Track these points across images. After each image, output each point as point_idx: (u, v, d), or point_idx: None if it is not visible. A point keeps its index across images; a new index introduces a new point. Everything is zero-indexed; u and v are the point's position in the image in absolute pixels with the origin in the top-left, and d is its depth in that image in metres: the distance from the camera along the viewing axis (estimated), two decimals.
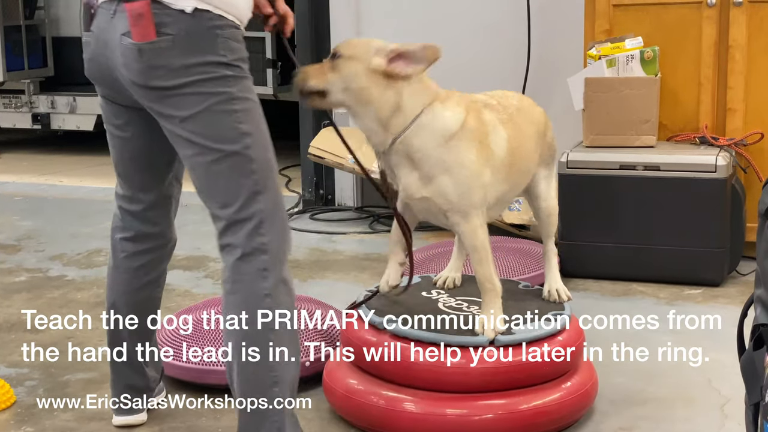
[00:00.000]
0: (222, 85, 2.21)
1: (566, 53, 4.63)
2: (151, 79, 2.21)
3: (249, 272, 2.22)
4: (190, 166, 2.29)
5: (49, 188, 6.15)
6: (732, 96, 4.05)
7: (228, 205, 2.24)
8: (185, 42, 2.19)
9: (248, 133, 2.24)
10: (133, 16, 2.18)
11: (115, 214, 2.57)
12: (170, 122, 2.25)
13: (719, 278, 3.84)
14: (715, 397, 2.81)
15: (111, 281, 2.60)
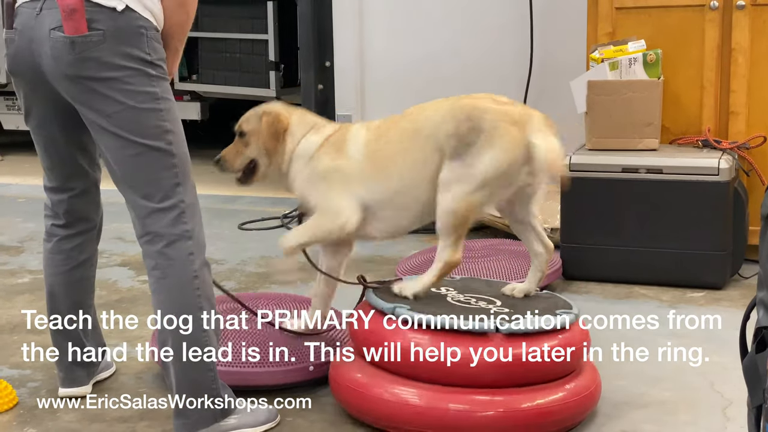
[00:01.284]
0: (148, 84, 2.41)
1: (569, 56, 4.64)
2: (81, 70, 2.37)
3: (178, 257, 2.43)
4: (113, 158, 2.45)
5: None
6: (735, 99, 4.05)
7: (150, 196, 2.43)
8: (114, 37, 2.37)
9: (170, 131, 2.45)
10: (66, 11, 2.35)
11: (46, 204, 2.78)
12: (97, 115, 2.42)
13: (721, 281, 3.84)
14: (718, 399, 2.81)
15: (47, 265, 2.81)
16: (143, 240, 2.47)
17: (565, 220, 4.02)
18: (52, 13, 2.38)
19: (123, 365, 3.11)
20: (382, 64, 5.26)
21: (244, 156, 2.86)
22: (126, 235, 4.88)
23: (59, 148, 2.64)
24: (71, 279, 2.80)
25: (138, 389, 2.92)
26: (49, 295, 2.82)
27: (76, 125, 2.54)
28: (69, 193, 2.72)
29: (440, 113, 2.70)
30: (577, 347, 2.61)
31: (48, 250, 2.79)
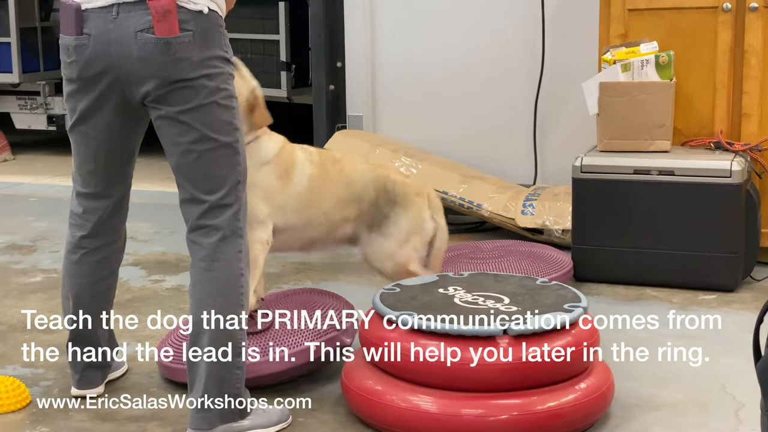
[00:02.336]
0: (226, 82, 2.50)
1: (581, 58, 4.63)
2: (174, 71, 2.42)
3: (229, 252, 2.48)
4: (181, 151, 2.48)
5: (64, 189, 6.15)
6: (747, 101, 4.04)
7: (212, 191, 2.47)
8: (201, 38, 2.44)
9: (238, 129, 2.53)
10: (160, 13, 2.39)
11: (74, 213, 2.75)
12: (174, 110, 2.45)
13: (733, 283, 3.83)
14: (729, 402, 2.81)
15: (71, 275, 2.79)
16: (197, 232, 2.50)
17: (577, 222, 4.02)
18: (135, 15, 2.42)
19: (134, 365, 3.12)
20: (393, 65, 5.26)
21: None
22: (138, 234, 4.90)
23: (111, 152, 2.65)
24: (94, 290, 2.81)
25: (149, 389, 2.93)
26: (72, 298, 2.80)
27: (133, 129, 2.62)
28: (106, 200, 2.73)
29: (366, 177, 3.09)
30: (588, 342, 2.61)
31: (73, 261, 2.78)
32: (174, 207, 5.80)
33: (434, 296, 2.73)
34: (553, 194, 4.57)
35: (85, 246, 2.75)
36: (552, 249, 4.11)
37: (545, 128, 4.98)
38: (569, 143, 4.55)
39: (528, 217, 4.45)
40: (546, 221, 4.42)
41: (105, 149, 2.64)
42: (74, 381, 2.86)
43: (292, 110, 6.85)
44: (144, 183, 6.36)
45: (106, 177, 2.70)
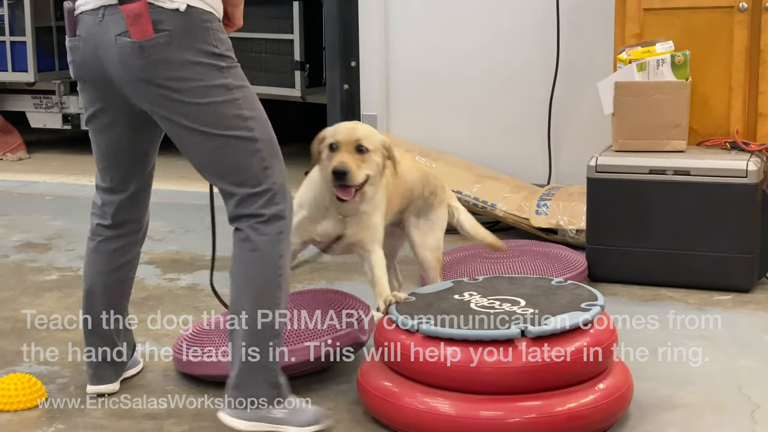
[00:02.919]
0: (219, 77, 2.44)
1: (596, 57, 4.62)
2: (153, 73, 2.40)
3: (269, 233, 2.47)
4: (197, 154, 2.49)
5: (79, 188, 6.19)
6: (763, 101, 4.03)
7: (241, 184, 2.47)
8: (181, 36, 2.40)
9: (249, 117, 2.48)
10: (131, 17, 2.38)
11: (95, 203, 2.79)
12: (175, 115, 2.45)
13: (749, 284, 3.82)
14: (746, 403, 2.80)
15: (88, 264, 2.82)
16: (236, 222, 2.51)
17: (591, 222, 4.01)
18: (116, 18, 2.41)
19: (150, 363, 3.13)
20: (407, 63, 5.26)
21: (363, 171, 2.86)
22: (153, 233, 4.88)
23: (121, 151, 2.67)
24: (110, 280, 2.82)
25: (165, 387, 2.94)
26: (87, 293, 2.84)
27: (143, 128, 2.61)
28: (122, 194, 2.74)
29: (414, 174, 3.23)
30: (606, 341, 2.60)
31: (90, 249, 2.82)
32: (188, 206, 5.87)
33: (450, 303, 2.72)
34: (568, 194, 4.57)
35: (102, 234, 2.78)
36: (566, 249, 4.10)
37: (560, 128, 4.98)
38: (584, 143, 4.54)
39: (542, 217, 4.45)
40: (560, 221, 4.41)
41: (115, 146, 2.66)
42: (88, 377, 2.88)
43: (306, 110, 6.85)
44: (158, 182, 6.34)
45: (120, 172, 2.72)
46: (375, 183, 2.92)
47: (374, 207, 2.96)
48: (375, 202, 2.96)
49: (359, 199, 2.89)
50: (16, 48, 7.34)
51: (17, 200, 5.86)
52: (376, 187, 2.94)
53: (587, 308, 2.62)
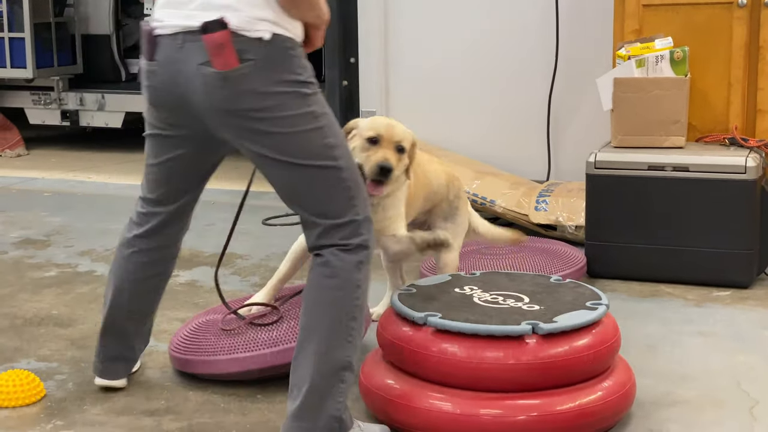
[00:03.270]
0: (305, 105, 2.34)
1: (595, 53, 4.62)
2: (238, 103, 2.31)
3: (350, 261, 2.38)
4: (282, 184, 2.40)
5: (78, 184, 6.19)
6: (762, 97, 4.03)
7: (326, 215, 2.37)
8: (266, 65, 2.30)
9: (334, 145, 2.38)
10: (214, 47, 2.28)
11: (135, 212, 2.71)
12: (259, 147, 2.35)
13: (748, 280, 3.82)
14: (744, 399, 2.80)
15: (118, 269, 2.76)
16: (318, 249, 2.40)
17: (590, 218, 4.01)
18: (197, 47, 2.31)
19: (149, 359, 3.13)
20: (407, 61, 5.25)
21: (401, 168, 2.87)
22: None
23: (180, 170, 2.59)
24: (139, 288, 2.77)
25: (164, 383, 2.94)
26: (114, 290, 2.76)
27: (210, 153, 2.55)
28: (168, 207, 2.66)
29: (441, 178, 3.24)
30: (613, 340, 2.60)
31: (123, 257, 2.74)
32: None
33: (452, 296, 2.72)
34: (567, 190, 4.57)
35: (137, 246, 2.71)
36: (565, 245, 4.10)
37: (559, 124, 4.97)
38: (583, 139, 4.54)
39: (541, 213, 4.45)
40: (559, 217, 4.41)
41: (175, 166, 2.57)
42: (97, 370, 2.85)
43: None
44: None
45: (172, 188, 2.63)
46: (399, 181, 2.91)
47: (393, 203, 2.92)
48: (395, 200, 2.92)
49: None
50: (14, 44, 7.33)
51: (16, 197, 5.86)
52: (399, 185, 2.92)
53: (593, 307, 2.62)
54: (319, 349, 2.35)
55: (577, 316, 2.55)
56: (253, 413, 2.73)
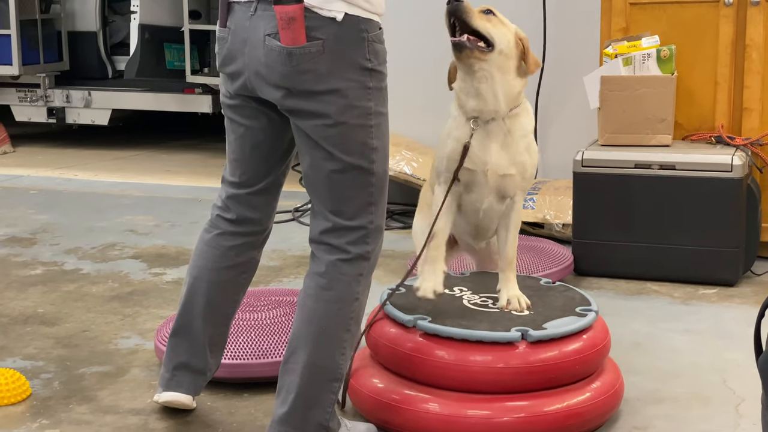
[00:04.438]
0: (364, 98, 2.25)
1: (582, 51, 4.62)
2: (297, 83, 2.22)
3: (349, 274, 2.31)
4: (311, 168, 2.31)
5: (64, 182, 6.17)
6: (748, 95, 4.04)
7: (340, 213, 2.30)
8: (334, 47, 2.20)
9: (376, 149, 2.30)
10: (285, 20, 2.17)
11: (219, 197, 2.57)
12: (305, 124, 2.27)
13: (734, 278, 3.83)
14: (730, 396, 2.81)
15: (197, 256, 2.59)
16: (320, 247, 2.33)
17: (577, 216, 4.01)
18: (268, 16, 2.22)
19: (135, 357, 3.12)
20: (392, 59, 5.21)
21: (485, 26, 2.62)
22: (138, 227, 4.90)
23: (257, 146, 2.45)
24: (218, 279, 2.56)
25: (150, 381, 2.93)
26: (189, 288, 2.59)
27: (283, 127, 2.40)
28: (250, 189, 2.51)
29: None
30: (601, 346, 2.60)
31: (205, 241, 2.57)
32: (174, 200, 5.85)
33: (442, 298, 2.69)
34: (554, 188, 4.57)
35: (221, 227, 2.54)
36: (552, 243, 4.11)
37: (546, 122, 4.98)
38: (570, 137, 4.54)
39: (528, 211, 4.45)
40: (546, 215, 4.41)
41: (251, 141, 2.45)
42: (163, 381, 2.62)
43: None
44: (144, 176, 6.37)
45: (252, 168, 2.49)
46: (503, 67, 2.63)
47: (532, 161, 2.71)
48: (531, 154, 2.69)
49: (471, 63, 2.63)
50: (0, 41, 7.30)
51: (2, 194, 5.83)
52: (503, 62, 2.64)
53: (583, 313, 2.61)
54: (310, 359, 2.31)
55: (567, 322, 2.55)
56: (240, 412, 2.72)
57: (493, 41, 2.63)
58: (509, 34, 2.68)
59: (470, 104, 2.67)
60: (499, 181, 2.68)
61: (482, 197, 2.72)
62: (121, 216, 5.17)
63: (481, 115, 2.65)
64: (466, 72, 2.67)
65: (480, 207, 2.74)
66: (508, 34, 2.67)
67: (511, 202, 2.73)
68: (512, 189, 2.70)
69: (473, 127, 2.64)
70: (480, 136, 2.65)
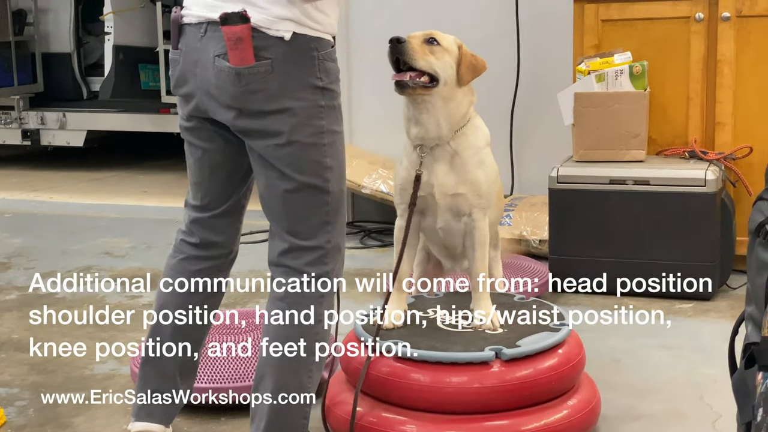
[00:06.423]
0: (316, 117, 2.24)
1: (556, 68, 4.65)
2: (247, 103, 2.21)
3: (309, 296, 2.29)
4: (264, 188, 2.31)
5: (39, 204, 6.13)
6: (721, 110, 4.07)
7: (296, 233, 2.29)
8: (283, 66, 2.20)
9: (330, 167, 2.29)
10: (232, 40, 2.17)
11: (183, 221, 2.55)
12: (257, 144, 2.26)
13: (710, 292, 3.84)
14: (707, 412, 2.81)
15: (164, 283, 2.54)
16: (278, 270, 2.32)
17: (553, 232, 4.02)
18: (217, 37, 2.21)
19: (111, 383, 3.10)
20: (368, 76, 5.25)
21: (429, 61, 2.63)
22: (114, 250, 4.87)
23: (216, 168, 2.43)
24: (185, 304, 2.52)
25: (126, 407, 2.90)
26: (159, 306, 2.53)
27: (239, 148, 2.37)
28: (212, 212, 2.49)
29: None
30: (576, 361, 2.60)
31: (170, 267, 2.54)
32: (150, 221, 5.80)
33: (417, 320, 2.68)
34: (530, 204, 4.58)
35: (186, 252, 2.51)
36: (530, 259, 4.11)
37: (522, 139, 4.99)
38: (546, 153, 4.56)
39: (505, 227, 4.46)
40: (523, 231, 4.43)
41: (210, 162, 2.43)
42: (134, 411, 2.55)
43: None
44: (120, 197, 6.34)
45: (213, 190, 2.47)
46: (449, 95, 2.65)
47: (488, 179, 2.75)
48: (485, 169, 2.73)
49: (419, 96, 2.64)
50: None
51: None
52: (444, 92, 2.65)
53: (557, 328, 2.62)
54: (278, 385, 2.29)
55: (541, 338, 2.55)
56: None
57: (438, 77, 2.64)
58: (452, 59, 2.68)
59: (413, 131, 2.70)
60: (449, 201, 2.70)
61: (436, 217, 2.74)
62: (96, 238, 5.14)
63: (425, 142, 2.68)
64: (410, 101, 2.69)
65: (436, 227, 2.76)
66: (451, 60, 2.68)
67: (469, 220, 2.72)
68: (465, 207, 2.71)
69: (421, 155, 2.66)
70: (427, 162, 2.67)
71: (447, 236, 2.79)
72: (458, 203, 2.70)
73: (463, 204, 2.70)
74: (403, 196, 2.71)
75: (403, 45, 2.61)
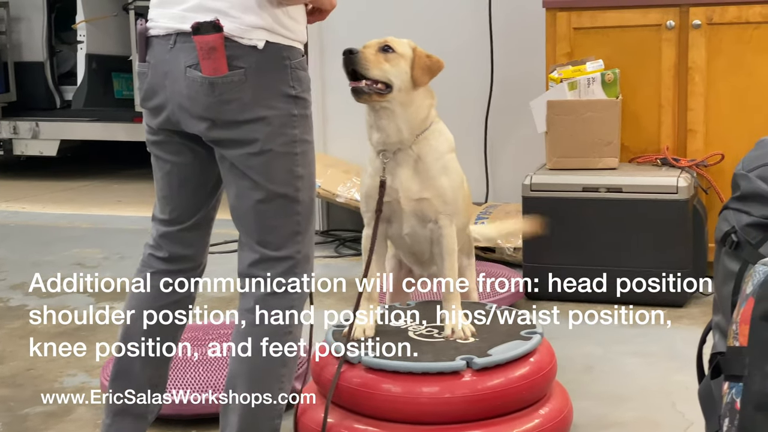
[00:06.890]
0: (289, 125, 2.23)
1: (528, 77, 4.66)
2: (221, 113, 2.20)
3: (278, 308, 2.28)
4: (235, 197, 2.29)
5: (11, 215, 6.08)
6: (692, 117, 4.09)
7: (266, 243, 2.27)
8: (257, 75, 2.19)
9: (301, 177, 2.28)
10: (205, 50, 2.16)
11: (151, 235, 2.51)
12: (230, 153, 2.25)
13: (683, 299, 3.86)
14: (679, 420, 2.82)
15: (132, 297, 2.51)
16: (247, 281, 2.31)
17: (527, 240, 4.03)
18: (187, 48, 2.19)
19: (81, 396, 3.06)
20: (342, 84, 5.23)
21: (383, 69, 2.65)
22: (87, 261, 4.83)
23: (184, 180, 2.40)
24: (153, 319, 2.48)
25: (96, 420, 2.87)
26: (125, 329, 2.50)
27: (209, 160, 2.35)
28: (180, 226, 2.45)
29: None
30: (548, 369, 2.59)
31: (138, 281, 2.50)
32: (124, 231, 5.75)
33: (387, 330, 2.67)
34: (505, 212, 4.59)
35: (154, 266, 2.47)
36: (504, 267, 4.11)
37: (496, 146, 5.00)
38: (520, 161, 4.57)
39: None
40: (498, 239, 4.42)
41: (178, 175, 2.40)
42: (104, 428, 2.51)
43: None
44: (94, 207, 6.30)
45: (181, 203, 2.44)
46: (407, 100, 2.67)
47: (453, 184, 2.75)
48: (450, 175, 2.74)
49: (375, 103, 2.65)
50: None
51: None
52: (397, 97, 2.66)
53: (528, 336, 2.61)
54: (247, 399, 2.28)
55: (512, 347, 2.54)
56: None
57: (392, 84, 2.66)
58: (407, 64, 2.69)
59: (374, 137, 2.71)
60: (414, 206, 2.70)
61: (402, 224, 2.74)
62: (69, 249, 5.10)
63: (387, 147, 2.68)
64: (370, 108, 2.70)
65: (402, 233, 2.76)
66: (405, 65, 2.69)
67: (436, 227, 2.72)
68: (431, 213, 2.71)
69: (384, 161, 2.67)
70: (390, 167, 2.68)
71: (414, 242, 2.79)
72: (423, 208, 2.71)
73: (429, 209, 2.70)
74: (369, 204, 2.71)
75: (356, 56, 2.64)
